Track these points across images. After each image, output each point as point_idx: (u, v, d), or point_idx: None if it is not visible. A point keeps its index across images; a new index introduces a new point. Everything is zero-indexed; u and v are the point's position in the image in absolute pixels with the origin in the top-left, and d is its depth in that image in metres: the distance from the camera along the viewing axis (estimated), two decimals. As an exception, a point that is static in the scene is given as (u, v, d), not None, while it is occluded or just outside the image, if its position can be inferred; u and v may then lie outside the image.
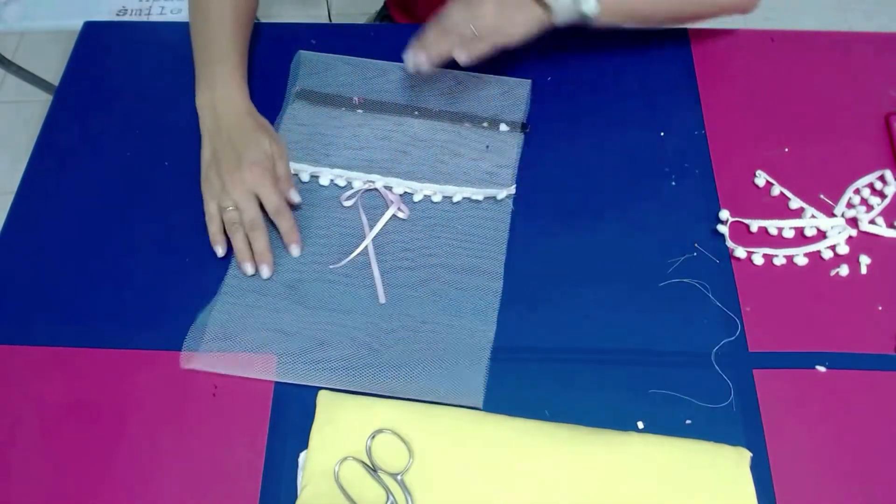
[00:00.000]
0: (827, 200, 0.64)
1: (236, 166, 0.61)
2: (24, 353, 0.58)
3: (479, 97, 0.71)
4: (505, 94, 0.71)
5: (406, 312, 0.58)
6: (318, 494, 0.50)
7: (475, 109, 0.70)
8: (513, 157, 0.67)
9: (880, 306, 0.59)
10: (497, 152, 0.67)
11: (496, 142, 0.68)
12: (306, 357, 0.56)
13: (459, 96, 0.71)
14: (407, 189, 0.65)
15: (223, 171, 0.62)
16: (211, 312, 0.58)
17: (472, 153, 0.67)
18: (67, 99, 0.72)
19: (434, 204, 0.64)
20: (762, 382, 0.55)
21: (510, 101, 0.70)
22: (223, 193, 0.61)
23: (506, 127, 0.68)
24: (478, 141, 0.68)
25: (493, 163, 0.67)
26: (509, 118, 0.69)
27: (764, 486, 0.51)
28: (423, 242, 0.62)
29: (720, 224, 0.62)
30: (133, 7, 1.15)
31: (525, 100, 0.70)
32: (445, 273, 0.60)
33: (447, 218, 0.64)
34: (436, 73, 0.68)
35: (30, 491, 0.52)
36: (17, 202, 0.66)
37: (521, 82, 0.71)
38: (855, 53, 0.74)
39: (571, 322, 0.58)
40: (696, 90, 0.71)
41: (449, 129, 0.69)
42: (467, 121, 0.69)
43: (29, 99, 1.66)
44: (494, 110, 0.70)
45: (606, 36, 0.72)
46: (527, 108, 0.70)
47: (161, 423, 0.54)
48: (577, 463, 0.51)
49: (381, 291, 0.59)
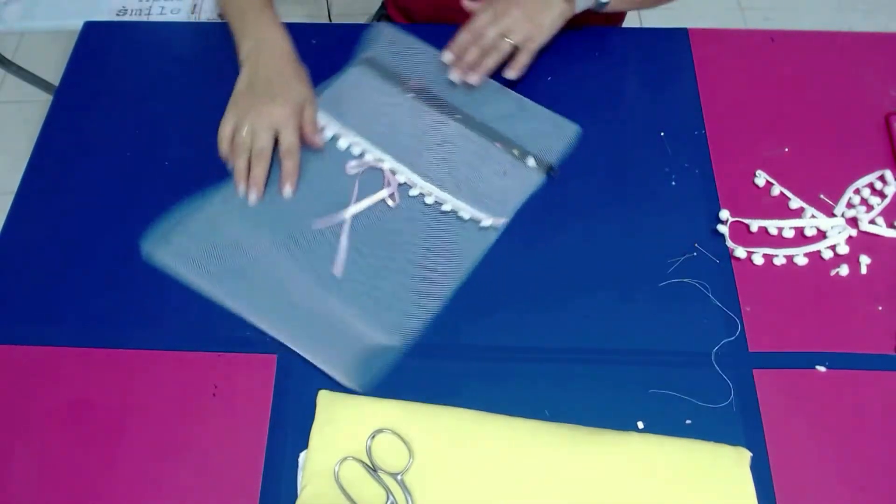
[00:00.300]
0: (827, 200, 0.64)
1: (269, 100, 0.63)
2: (24, 353, 0.58)
3: (523, 124, 0.69)
4: (550, 132, 0.68)
5: (342, 291, 0.59)
6: (318, 494, 0.50)
7: (514, 134, 0.68)
8: (524, 193, 0.65)
9: (880, 306, 0.59)
10: (512, 182, 0.65)
11: (517, 172, 0.66)
12: (239, 281, 0.59)
13: (507, 117, 0.69)
14: (408, 181, 0.65)
15: (255, 100, 0.64)
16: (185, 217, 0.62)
17: (488, 173, 0.66)
18: (67, 99, 0.72)
19: (424, 205, 0.64)
20: (762, 382, 0.55)
21: (551, 140, 0.67)
22: (244, 118, 0.63)
23: (533, 163, 0.66)
24: (500, 164, 0.66)
25: (503, 190, 0.65)
26: (541, 155, 0.66)
27: (764, 486, 0.51)
28: (393, 237, 0.62)
29: (720, 224, 0.62)
30: (133, 7, 1.15)
31: (566, 143, 0.67)
32: (395, 275, 0.60)
33: (428, 224, 0.63)
34: (498, 90, 0.70)
35: (30, 490, 0.52)
36: (17, 202, 0.66)
37: (571, 127, 0.68)
38: (855, 53, 0.74)
39: (571, 322, 0.58)
40: (696, 90, 0.71)
41: (480, 142, 0.68)
42: (501, 142, 0.67)
43: (29, 99, 1.65)
44: (531, 142, 0.67)
45: (606, 36, 0.72)
46: (564, 152, 0.67)
47: (161, 422, 0.54)
48: (578, 463, 0.51)
49: (340, 264, 0.60)
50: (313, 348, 0.56)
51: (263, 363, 0.57)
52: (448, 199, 0.64)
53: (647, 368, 0.56)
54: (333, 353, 0.56)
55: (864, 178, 0.65)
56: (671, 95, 0.71)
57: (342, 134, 0.67)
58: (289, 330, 0.57)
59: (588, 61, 0.73)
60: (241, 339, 0.58)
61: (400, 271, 0.60)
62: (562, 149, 0.67)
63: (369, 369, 0.56)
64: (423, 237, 0.62)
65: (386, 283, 0.60)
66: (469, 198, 0.64)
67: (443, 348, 0.57)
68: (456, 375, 0.56)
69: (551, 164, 0.66)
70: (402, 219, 0.63)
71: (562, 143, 0.67)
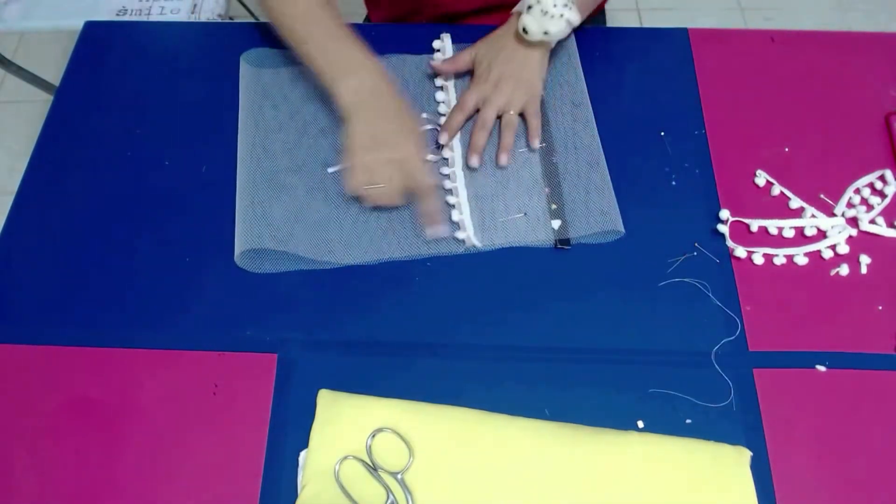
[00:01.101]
0: (827, 200, 0.64)
1: (397, 147, 0.61)
2: (24, 352, 0.58)
3: (582, 189, 0.64)
4: (595, 215, 0.63)
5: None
6: (318, 493, 0.50)
7: (567, 190, 0.64)
8: (521, 240, 0.62)
9: (880, 306, 0.59)
10: (523, 225, 0.62)
11: (535, 222, 0.63)
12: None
13: (574, 172, 0.65)
14: (450, 159, 0.66)
15: (380, 152, 0.60)
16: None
17: (513, 201, 0.64)
18: (67, 99, 0.73)
19: (443, 189, 0.65)
20: (762, 382, 0.55)
21: (589, 221, 0.62)
22: (376, 174, 0.60)
23: (556, 227, 0.62)
24: (530, 205, 0.64)
25: (507, 224, 0.62)
26: (569, 226, 0.62)
27: (764, 486, 0.51)
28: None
29: (720, 224, 0.62)
30: (133, 7, 1.15)
31: (600, 235, 0.62)
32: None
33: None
34: (592, 140, 0.67)
35: (30, 490, 0.52)
36: (17, 202, 0.66)
37: (618, 226, 0.62)
38: (855, 53, 0.74)
39: (571, 322, 0.58)
40: (696, 90, 0.71)
41: (535, 175, 0.65)
42: (551, 189, 0.64)
43: (29, 99, 1.66)
44: (572, 209, 0.63)
45: (607, 36, 0.72)
46: (590, 240, 0.62)
47: (161, 422, 0.55)
48: (578, 462, 0.51)
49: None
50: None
51: (263, 363, 0.57)
52: (461, 195, 0.63)
53: (647, 368, 0.56)
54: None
55: (864, 178, 0.65)
56: (671, 95, 0.71)
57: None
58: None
59: (588, 61, 0.73)
60: (241, 339, 0.58)
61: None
62: (592, 236, 0.62)
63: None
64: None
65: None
66: (473, 200, 0.64)
67: (443, 348, 0.57)
68: (456, 375, 0.56)
69: (569, 240, 0.62)
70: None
71: (595, 231, 0.62)
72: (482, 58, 0.69)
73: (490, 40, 0.70)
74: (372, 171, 0.60)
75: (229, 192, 0.65)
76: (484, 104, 0.67)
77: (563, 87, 0.71)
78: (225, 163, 0.67)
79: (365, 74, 0.62)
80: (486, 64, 0.68)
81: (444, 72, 0.70)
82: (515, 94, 0.66)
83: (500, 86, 0.66)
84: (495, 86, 0.66)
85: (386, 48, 0.72)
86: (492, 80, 0.67)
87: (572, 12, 0.64)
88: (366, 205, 0.63)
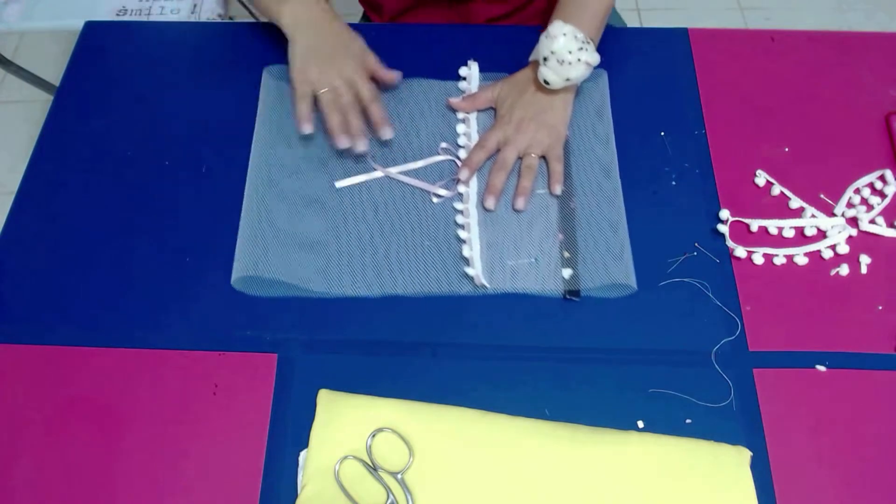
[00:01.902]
0: (827, 200, 0.64)
1: (333, 57, 0.66)
2: (24, 352, 0.58)
3: (598, 243, 0.61)
4: (610, 269, 0.60)
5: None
6: (318, 493, 0.50)
7: (583, 241, 0.61)
8: (529, 287, 0.60)
9: (880, 306, 0.59)
10: (533, 272, 0.60)
11: (545, 269, 0.60)
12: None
13: (593, 224, 0.63)
14: (465, 193, 0.64)
15: (322, 62, 0.66)
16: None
17: (526, 246, 0.61)
18: (67, 99, 0.73)
19: (456, 224, 0.63)
20: (762, 382, 0.55)
21: (603, 274, 0.60)
22: (320, 80, 0.65)
23: (567, 277, 0.60)
24: (543, 252, 0.61)
25: (516, 269, 0.60)
26: (580, 278, 0.60)
27: (764, 486, 0.51)
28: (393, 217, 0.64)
29: (720, 224, 0.62)
30: (133, 7, 1.15)
31: (611, 289, 0.60)
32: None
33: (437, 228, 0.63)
34: (614, 194, 0.64)
35: (30, 490, 0.52)
36: (17, 202, 0.66)
37: (631, 282, 0.60)
38: (855, 53, 0.74)
39: (572, 322, 0.58)
40: (696, 90, 0.71)
41: (550, 221, 0.63)
42: (565, 236, 0.62)
43: (29, 99, 1.66)
44: (586, 260, 0.60)
45: (606, 36, 0.72)
46: (600, 294, 0.60)
47: (161, 422, 0.55)
48: (578, 462, 0.51)
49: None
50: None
51: (263, 363, 0.57)
52: (473, 233, 0.61)
53: (647, 368, 0.56)
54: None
55: (864, 178, 0.65)
56: (671, 95, 0.71)
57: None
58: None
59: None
60: (241, 338, 0.58)
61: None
62: (603, 289, 0.59)
63: None
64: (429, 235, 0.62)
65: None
66: (487, 245, 0.61)
67: (443, 348, 0.57)
68: (456, 375, 0.56)
69: (579, 291, 0.60)
70: (429, 215, 0.63)
71: (607, 283, 0.59)
72: (504, 98, 0.68)
73: (512, 82, 0.68)
74: (314, 81, 0.65)
75: (229, 192, 0.65)
76: (505, 144, 0.65)
77: (588, 131, 0.68)
78: (225, 163, 0.67)
79: (302, 4, 0.67)
80: (509, 105, 0.67)
81: (463, 109, 0.69)
82: (538, 135, 0.65)
83: (523, 127, 0.65)
84: (517, 127, 0.65)
85: (391, 48, 0.71)
86: (514, 121, 0.66)
87: (589, 53, 0.63)
88: (327, 116, 0.64)
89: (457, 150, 0.67)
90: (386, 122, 0.65)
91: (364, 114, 0.66)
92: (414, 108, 0.70)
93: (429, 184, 0.65)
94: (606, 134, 0.68)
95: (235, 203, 0.64)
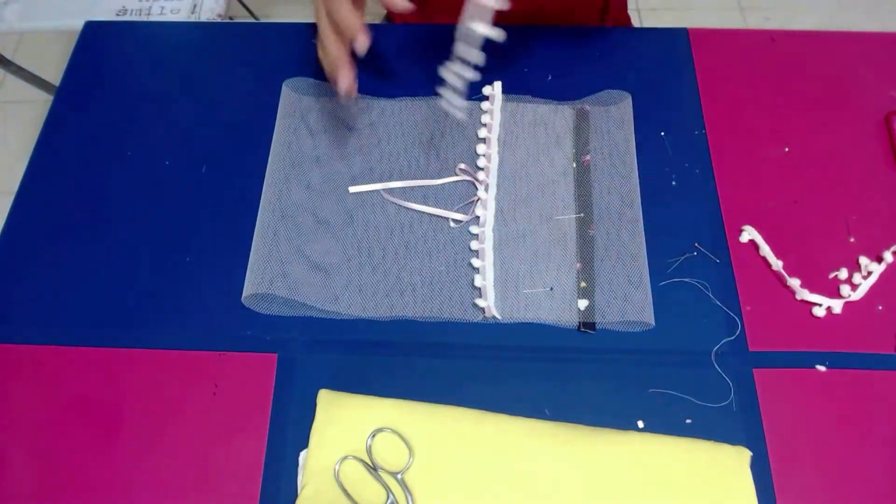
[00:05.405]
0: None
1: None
2: (24, 352, 0.58)
3: (617, 276, 0.60)
4: (629, 301, 0.59)
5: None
6: (318, 493, 0.50)
7: (602, 271, 0.60)
8: (542, 316, 0.58)
9: (880, 306, 0.59)
10: (548, 302, 0.59)
11: (561, 299, 0.59)
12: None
13: (614, 254, 0.61)
14: (482, 216, 0.62)
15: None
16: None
17: (541, 275, 0.60)
18: (67, 99, 0.73)
19: (470, 250, 0.62)
20: (762, 382, 0.55)
21: (621, 307, 0.58)
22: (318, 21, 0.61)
23: (583, 307, 0.58)
24: (559, 281, 0.60)
25: (528, 298, 0.59)
26: (597, 310, 0.58)
27: (764, 486, 0.51)
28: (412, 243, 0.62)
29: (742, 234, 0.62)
30: (133, 7, 1.15)
31: (625, 322, 0.58)
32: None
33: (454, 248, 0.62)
34: (635, 223, 0.62)
35: (30, 489, 0.52)
36: (17, 202, 0.66)
37: (649, 318, 0.58)
38: (855, 53, 0.74)
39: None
40: (696, 90, 0.72)
41: (570, 250, 0.61)
42: (583, 264, 0.60)
43: (29, 99, 1.66)
44: (605, 294, 0.59)
45: (606, 36, 0.72)
46: (615, 328, 0.58)
47: (161, 422, 0.55)
48: (578, 462, 0.51)
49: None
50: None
51: (263, 363, 0.57)
52: (487, 260, 0.60)
53: (647, 368, 0.56)
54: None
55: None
56: (671, 95, 0.71)
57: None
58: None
59: (588, 61, 0.73)
60: (241, 338, 0.58)
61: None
62: (618, 323, 0.58)
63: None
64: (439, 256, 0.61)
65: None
66: (501, 273, 0.60)
67: (443, 348, 0.57)
68: (456, 375, 0.56)
69: (594, 324, 0.58)
70: (446, 238, 0.62)
71: (622, 316, 0.58)
72: None
73: None
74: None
75: (229, 192, 0.65)
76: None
77: (613, 156, 0.66)
78: (225, 163, 0.67)
79: None
80: None
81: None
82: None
83: None
84: None
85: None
86: None
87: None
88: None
89: (475, 171, 0.66)
90: (364, 33, 0.59)
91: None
92: (435, 128, 0.69)
93: (445, 210, 0.63)
94: (631, 161, 0.66)
95: (236, 203, 0.64)
